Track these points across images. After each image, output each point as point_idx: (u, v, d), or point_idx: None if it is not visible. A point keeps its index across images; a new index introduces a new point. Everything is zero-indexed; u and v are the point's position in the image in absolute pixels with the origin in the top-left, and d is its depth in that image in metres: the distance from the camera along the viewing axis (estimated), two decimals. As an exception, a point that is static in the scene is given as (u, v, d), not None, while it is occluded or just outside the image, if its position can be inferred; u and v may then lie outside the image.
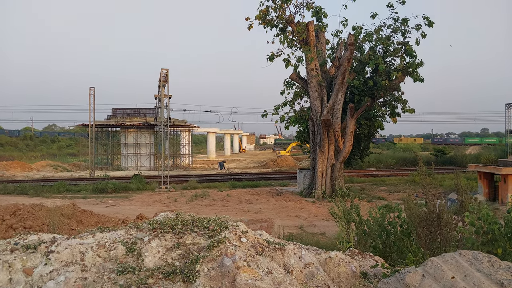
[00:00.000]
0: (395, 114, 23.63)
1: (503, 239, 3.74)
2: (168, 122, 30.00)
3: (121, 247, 3.25)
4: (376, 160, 43.68)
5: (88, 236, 3.46)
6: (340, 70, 21.56)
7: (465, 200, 7.00)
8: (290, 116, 25.61)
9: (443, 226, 5.27)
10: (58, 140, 79.07)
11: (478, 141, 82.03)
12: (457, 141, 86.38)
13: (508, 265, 2.72)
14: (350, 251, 4.25)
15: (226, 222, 3.53)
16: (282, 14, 21.42)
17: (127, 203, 21.24)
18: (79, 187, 27.05)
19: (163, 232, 3.40)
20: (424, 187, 5.89)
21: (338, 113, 22.63)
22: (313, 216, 17.21)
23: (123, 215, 15.50)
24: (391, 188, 26.45)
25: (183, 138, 51.99)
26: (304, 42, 21.71)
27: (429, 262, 2.80)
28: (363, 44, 22.54)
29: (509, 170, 18.52)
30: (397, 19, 21.37)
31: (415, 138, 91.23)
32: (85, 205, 17.04)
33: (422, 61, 20.98)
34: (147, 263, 3.11)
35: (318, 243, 10.05)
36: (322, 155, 22.53)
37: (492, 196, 19.85)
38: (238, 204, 20.45)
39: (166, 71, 27.90)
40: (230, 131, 79.90)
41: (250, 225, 10.03)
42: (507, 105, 39.59)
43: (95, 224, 10.12)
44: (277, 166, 48.96)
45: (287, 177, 33.66)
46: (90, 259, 3.17)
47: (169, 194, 23.98)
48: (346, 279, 3.37)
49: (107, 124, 45.92)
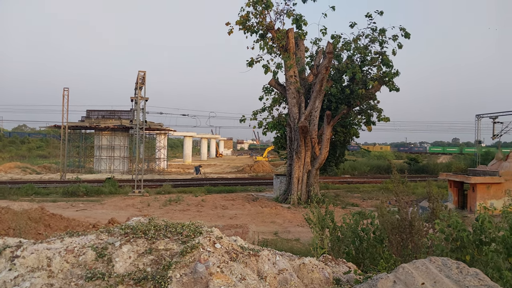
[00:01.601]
0: (370, 122, 24.11)
1: (471, 246, 3.84)
2: (143, 125, 29.55)
3: (90, 252, 3.15)
4: (351, 167, 44.36)
5: (56, 241, 3.34)
6: (318, 77, 21.84)
7: (436, 207, 7.18)
8: (268, 122, 25.74)
9: (415, 233, 5.38)
10: (28, 141, 76.50)
11: (441, 150, 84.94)
12: (421, 150, 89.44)
13: (476, 271, 2.79)
14: (324, 257, 4.27)
15: (200, 228, 3.48)
16: (263, 20, 21.56)
17: (99, 207, 20.74)
18: (49, 190, 26.23)
19: (135, 237, 3.32)
20: (397, 195, 6.01)
21: (315, 120, 22.88)
22: (288, 222, 17.27)
23: (95, 219, 15.13)
24: (365, 195, 26.88)
25: (158, 141, 51.31)
26: (283, 49, 21.90)
27: (400, 268, 2.84)
28: (341, 52, 22.95)
29: (478, 179, 19.16)
30: (375, 29, 21.90)
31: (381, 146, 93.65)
32: (54, 209, 16.53)
33: (398, 71, 21.54)
34: (118, 269, 3.02)
35: (293, 249, 10.08)
36: (298, 161, 22.69)
37: (461, 204, 20.46)
38: (213, 210, 20.30)
39: (143, 73, 27.54)
40: (208, 135, 79.45)
41: (225, 230, 9.96)
42: (477, 116, 41.03)
43: (65, 228, 9.82)
44: (254, 171, 48.99)
45: (264, 183, 33.71)
46: (57, 265, 3.05)
47: (143, 199, 23.57)
48: (319, 285, 3.38)
49: (81, 125, 44.81)
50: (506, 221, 4.22)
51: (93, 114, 46.48)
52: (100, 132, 45.40)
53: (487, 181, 19.17)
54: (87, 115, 46.40)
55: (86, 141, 48.02)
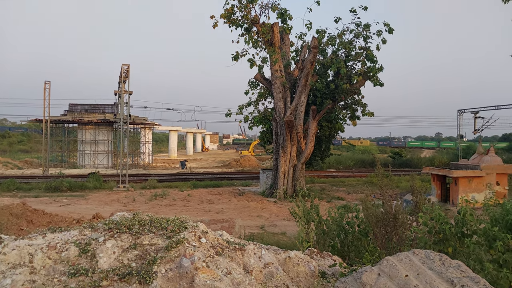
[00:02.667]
0: (355, 117, 24.29)
1: (454, 239, 3.92)
2: (128, 119, 29.20)
3: (73, 248, 3.10)
4: (336, 161, 44.74)
5: (38, 237, 3.28)
6: (304, 72, 21.88)
7: (419, 201, 7.30)
8: (254, 117, 25.70)
9: (399, 226, 5.45)
10: (9, 136, 74.76)
11: (419, 145, 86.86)
12: (400, 144, 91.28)
13: (458, 263, 2.84)
14: (309, 250, 4.30)
15: (186, 223, 3.46)
16: (248, 14, 21.44)
17: (83, 202, 20.46)
18: (31, 185, 25.74)
19: (119, 232, 3.28)
20: (381, 188, 6.08)
21: (300, 115, 22.95)
22: (275, 216, 17.34)
23: (79, 214, 14.92)
24: (350, 189, 27.15)
25: (143, 136, 50.77)
26: (269, 43, 21.85)
27: (385, 261, 2.88)
28: (326, 47, 23.00)
29: (460, 173, 19.55)
30: (360, 24, 22.00)
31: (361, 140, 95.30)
32: (37, 204, 16.24)
33: (382, 66, 21.71)
34: (102, 265, 2.98)
35: (279, 243, 10.13)
36: (284, 155, 22.76)
37: (444, 198, 20.85)
38: (199, 204, 20.24)
39: (127, 66, 27.16)
40: (193, 130, 78.93)
41: (211, 225, 9.94)
42: (459, 111, 41.79)
43: (47, 224, 9.66)
44: (240, 166, 48.97)
45: (250, 177, 33.73)
46: (39, 261, 3.00)
47: (128, 194, 23.34)
48: (304, 278, 3.40)
49: (64, 120, 44.02)
50: (487, 214, 4.31)
51: (76, 108, 45.72)
52: (83, 126, 44.69)
53: (468, 174, 19.56)
54: (70, 109, 45.60)
55: (69, 135, 47.20)
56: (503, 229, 3.90)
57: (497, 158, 20.94)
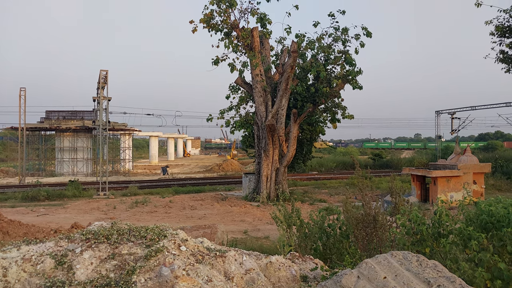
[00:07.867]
0: (335, 120, 24.57)
1: (430, 239, 3.99)
2: (107, 126, 28.76)
3: (49, 260, 3.03)
4: (318, 164, 45.08)
5: (12, 249, 3.19)
6: (284, 76, 22.02)
7: (398, 202, 7.42)
8: (235, 121, 25.68)
9: (379, 228, 5.53)
10: (-16, 144, 72.61)
11: (388, 146, 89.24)
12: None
13: (435, 263, 2.90)
14: (291, 254, 4.31)
15: (165, 231, 3.42)
16: (227, 18, 21.48)
17: (61, 211, 20.00)
18: (7, 195, 25.04)
19: (97, 242, 3.22)
20: (361, 190, 6.16)
21: (282, 118, 23.07)
22: (258, 220, 17.33)
23: (57, 224, 14.59)
24: (332, 191, 27.40)
25: (123, 142, 50.04)
26: (249, 47, 21.93)
27: (364, 263, 2.91)
28: (305, 51, 23.23)
29: (438, 173, 19.96)
30: (338, 28, 22.29)
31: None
32: (13, 215, 15.81)
33: (361, 69, 22.05)
34: (79, 276, 2.92)
35: (262, 247, 10.13)
36: (266, 159, 22.81)
37: (424, 198, 21.24)
38: (181, 211, 20.06)
39: (105, 72, 26.79)
40: (174, 135, 78.25)
41: (193, 231, 9.86)
42: (437, 112, 42.77)
43: (24, 235, 9.40)
44: (223, 170, 48.78)
45: (233, 182, 33.65)
46: (14, 275, 2.92)
47: (108, 201, 22.95)
48: (286, 283, 3.40)
49: (40, 127, 43.04)
50: (462, 214, 4.42)
51: (53, 115, 44.76)
52: (61, 134, 43.79)
53: (446, 174, 19.98)
54: (47, 116, 44.62)
55: (46, 143, 46.13)
56: (477, 228, 4.00)
57: (474, 158, 21.48)
